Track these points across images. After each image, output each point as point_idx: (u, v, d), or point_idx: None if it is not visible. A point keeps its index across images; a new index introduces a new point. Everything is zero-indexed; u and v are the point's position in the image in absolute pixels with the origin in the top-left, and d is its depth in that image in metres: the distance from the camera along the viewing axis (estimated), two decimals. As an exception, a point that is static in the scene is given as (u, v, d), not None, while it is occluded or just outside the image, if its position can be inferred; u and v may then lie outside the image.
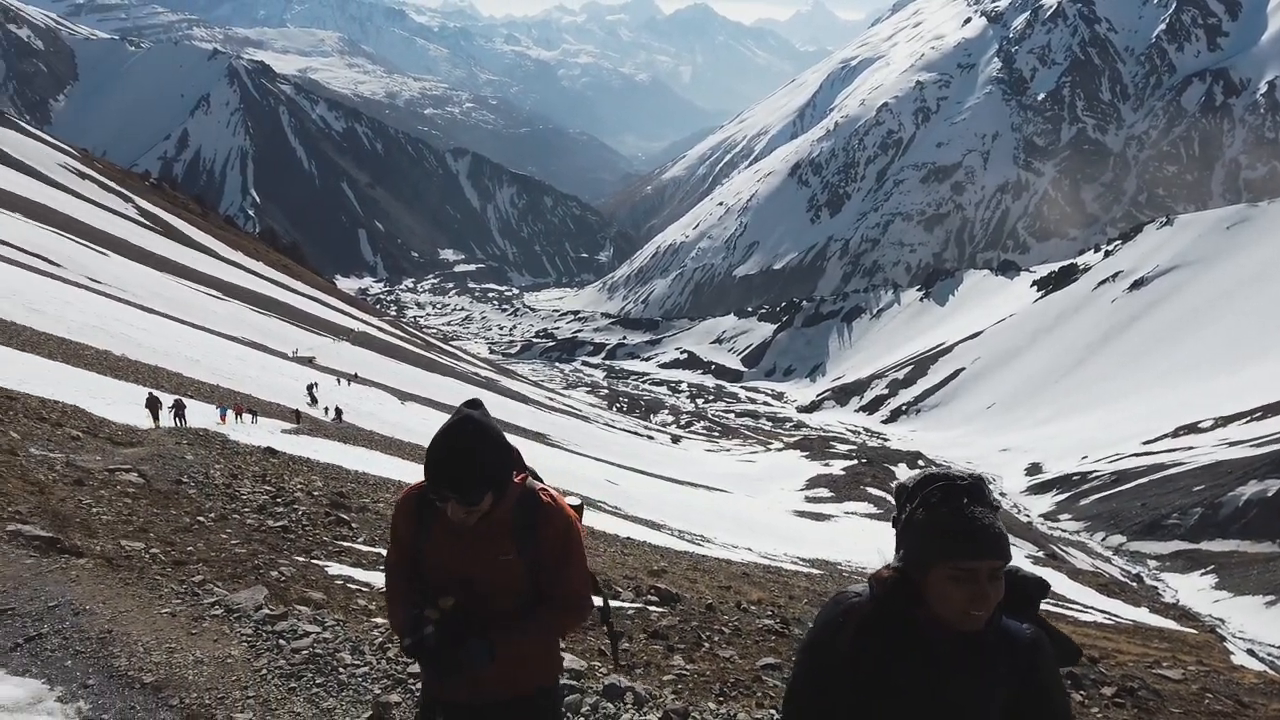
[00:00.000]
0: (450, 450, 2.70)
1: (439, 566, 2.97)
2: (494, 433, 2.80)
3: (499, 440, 2.82)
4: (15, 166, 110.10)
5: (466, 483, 2.72)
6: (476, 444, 2.74)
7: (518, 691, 3.00)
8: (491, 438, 2.78)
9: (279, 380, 48.89)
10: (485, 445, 2.76)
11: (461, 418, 2.77)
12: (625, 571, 17.48)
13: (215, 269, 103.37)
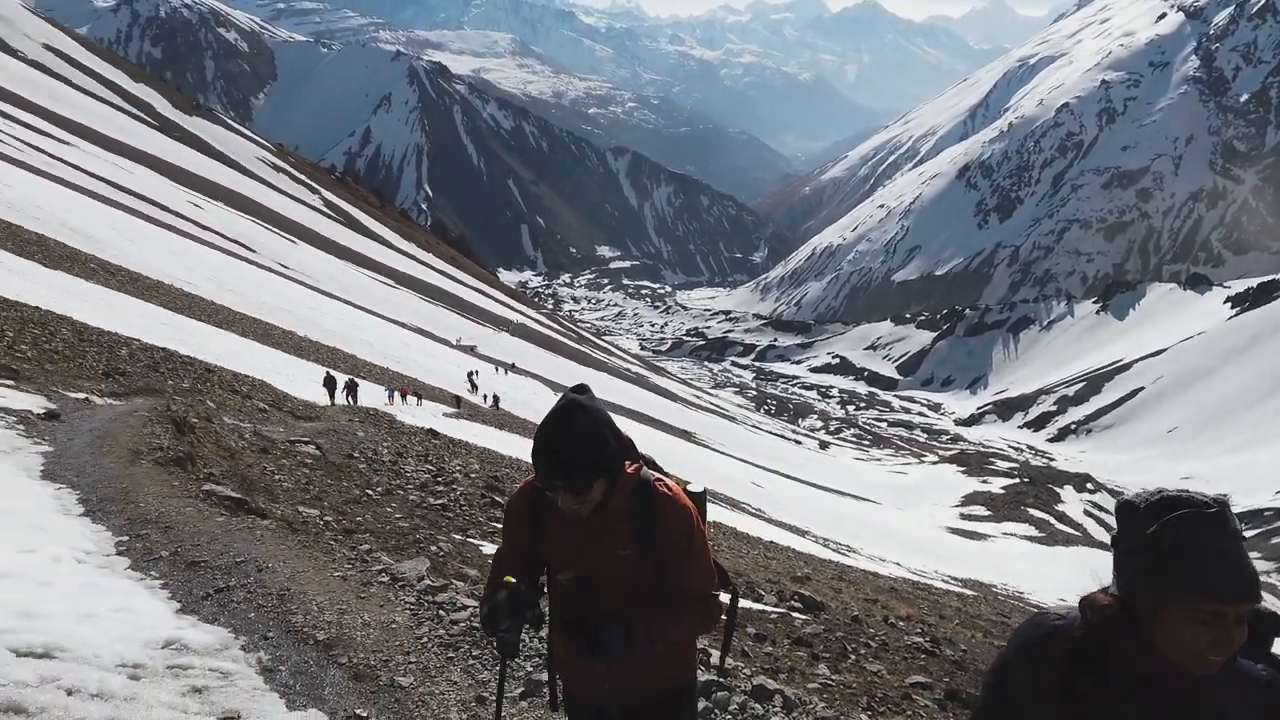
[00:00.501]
0: (556, 435, 2.58)
1: (557, 565, 2.88)
2: (602, 417, 2.65)
3: (607, 425, 2.66)
4: (219, 159, 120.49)
5: (573, 468, 2.58)
6: (583, 428, 2.59)
7: (654, 688, 2.89)
8: (599, 422, 2.63)
9: (443, 366, 51.25)
10: (592, 429, 2.60)
11: (567, 402, 2.64)
12: (768, 575, 17.28)
13: (389, 258, 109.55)
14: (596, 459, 2.61)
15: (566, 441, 2.57)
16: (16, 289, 19.21)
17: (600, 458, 2.62)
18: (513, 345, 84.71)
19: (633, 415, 67.04)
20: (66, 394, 11.30)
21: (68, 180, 50.94)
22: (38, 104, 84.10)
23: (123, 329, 20.36)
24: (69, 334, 17.00)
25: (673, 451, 52.83)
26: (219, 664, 3.86)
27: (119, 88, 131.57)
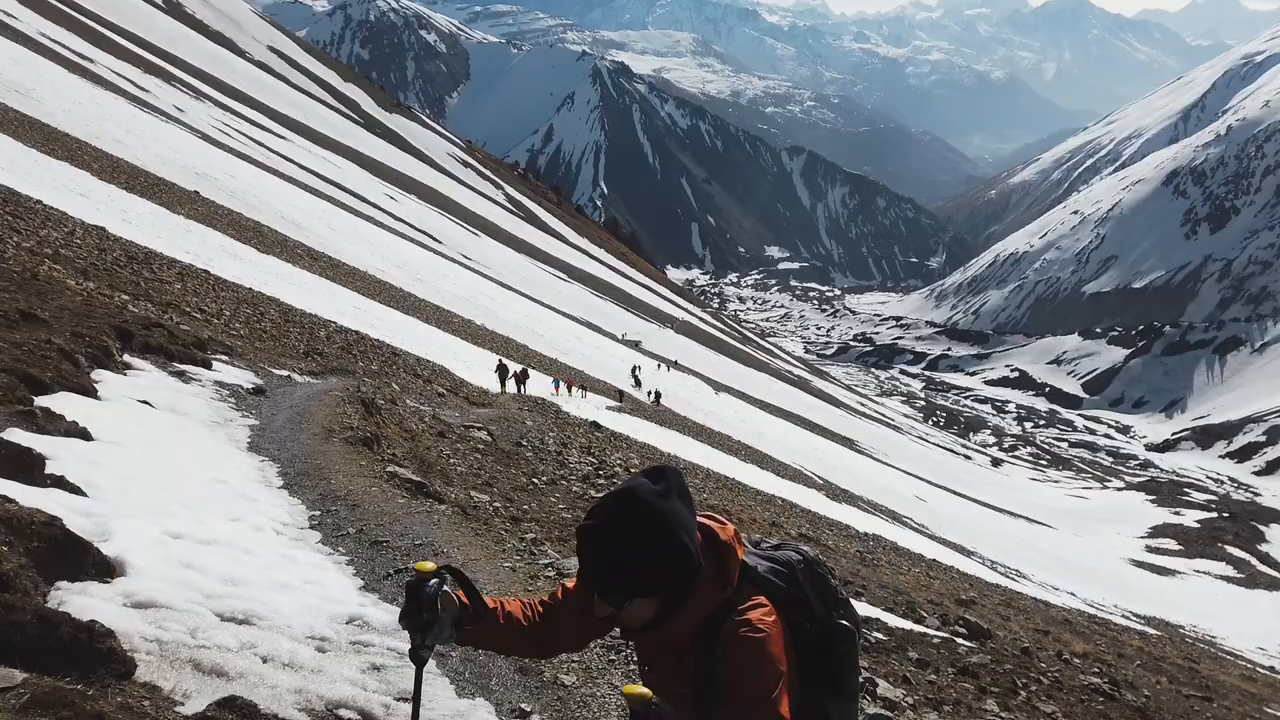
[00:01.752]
0: (594, 535, 2.02)
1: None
2: (665, 523, 2.01)
3: (670, 536, 2.01)
4: (414, 154, 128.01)
5: (604, 581, 2.04)
6: (630, 535, 1.99)
7: None
8: (658, 531, 2.00)
9: (608, 360, 52.33)
10: (644, 539, 1.99)
11: (624, 492, 2.03)
12: (930, 596, 16.59)
13: (564, 253, 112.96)
14: (639, 577, 2.03)
15: (603, 545, 2.02)
16: (235, 272, 21.11)
17: (646, 576, 2.03)
18: (676, 342, 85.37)
19: (792, 418, 66.07)
20: (272, 370, 12.30)
21: (283, 172, 55.59)
22: (261, 101, 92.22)
23: (322, 312, 21.98)
24: (276, 315, 18.52)
25: (828, 457, 51.66)
26: (396, 644, 4.07)
27: (330, 87, 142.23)
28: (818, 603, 2.29)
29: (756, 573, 2.24)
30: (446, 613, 2.11)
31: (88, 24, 70.48)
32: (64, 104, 35.32)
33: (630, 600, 2.05)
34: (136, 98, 51.38)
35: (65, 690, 2.17)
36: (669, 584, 2.05)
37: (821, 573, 2.35)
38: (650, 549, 1.99)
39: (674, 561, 2.02)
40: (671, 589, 2.06)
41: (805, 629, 2.23)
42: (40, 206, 16.06)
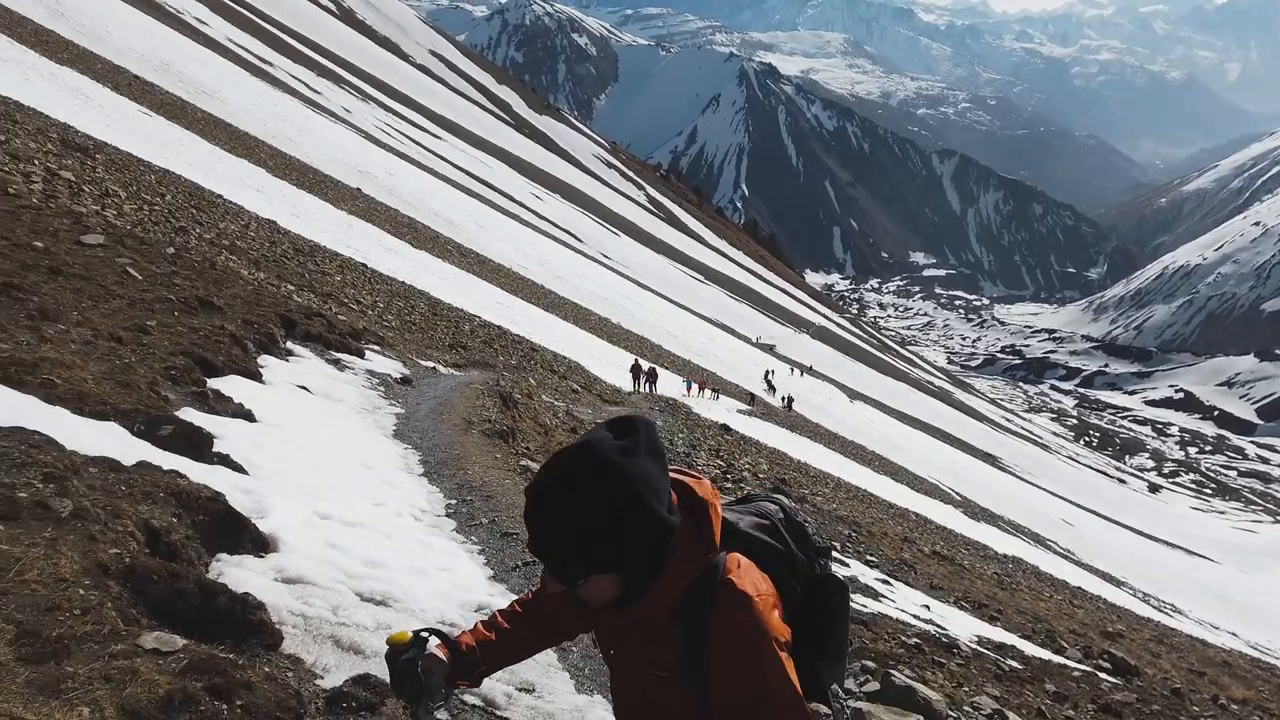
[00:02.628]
0: (543, 497, 1.66)
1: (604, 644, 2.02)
2: (629, 485, 1.65)
3: (634, 500, 1.65)
4: (561, 155, 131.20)
5: (554, 554, 1.69)
6: (586, 499, 1.63)
7: None
8: (620, 494, 1.64)
9: (740, 363, 52.07)
10: (602, 504, 1.63)
11: (580, 446, 1.68)
12: (1073, 625, 15.69)
13: (701, 254, 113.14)
14: (589, 553, 1.67)
15: (549, 509, 1.66)
16: (390, 265, 22.23)
17: (598, 553, 1.67)
18: (812, 348, 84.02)
19: (931, 430, 63.84)
20: (419, 361, 12.89)
21: (437, 171, 58.12)
22: (421, 103, 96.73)
23: (467, 306, 22.86)
24: (425, 308, 19.40)
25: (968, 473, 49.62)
26: (519, 635, 4.21)
27: (485, 89, 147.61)
28: (800, 554, 2.01)
29: (739, 529, 1.95)
30: (434, 676, 1.93)
31: (269, 30, 75.82)
32: (244, 104, 38.11)
33: (586, 576, 1.70)
34: (309, 99, 54.89)
35: (219, 658, 2.37)
36: (633, 558, 1.69)
37: (800, 521, 2.08)
38: (610, 516, 1.63)
39: (638, 531, 1.66)
40: (637, 563, 1.70)
41: (792, 585, 1.95)
42: (220, 200, 17.39)
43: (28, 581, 2.35)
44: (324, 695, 2.90)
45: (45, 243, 7.50)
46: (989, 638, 10.46)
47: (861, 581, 10.93)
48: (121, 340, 5.99)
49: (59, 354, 4.98)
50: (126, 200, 12.49)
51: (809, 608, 1.99)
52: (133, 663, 2.15)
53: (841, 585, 2.04)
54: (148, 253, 9.34)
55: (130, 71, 29.35)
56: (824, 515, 15.55)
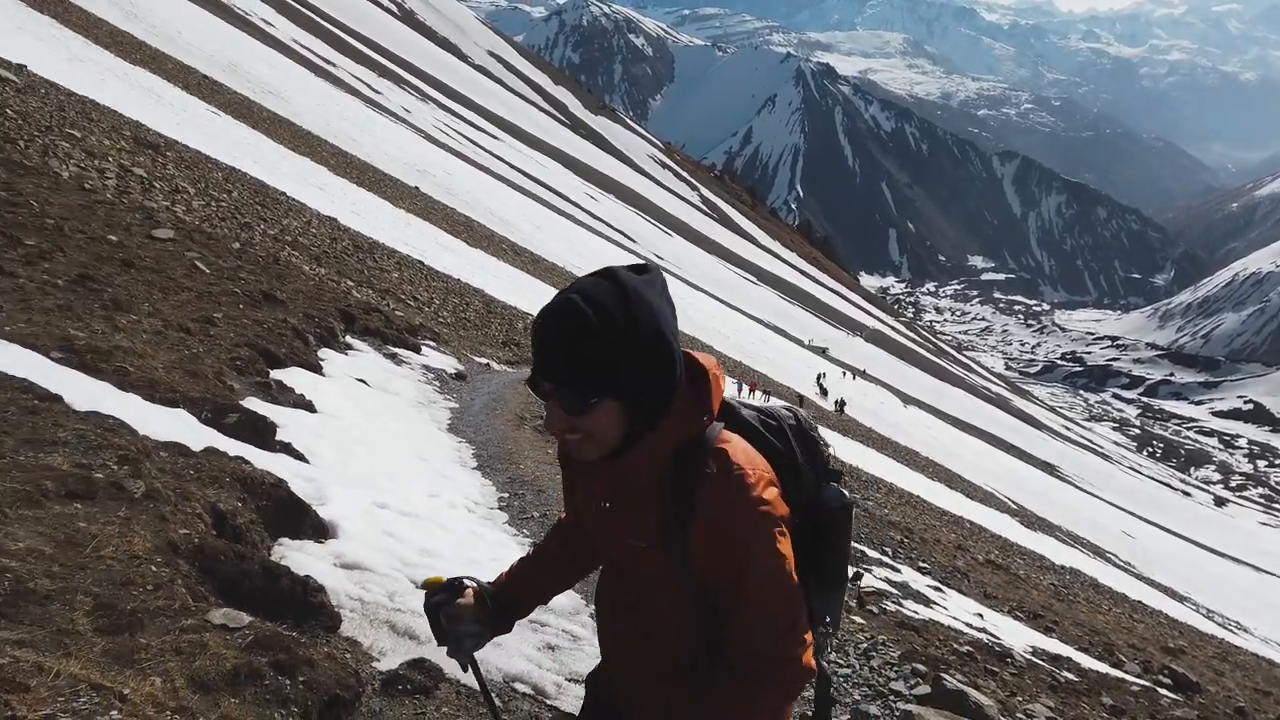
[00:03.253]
0: (559, 313, 1.56)
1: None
2: (650, 310, 1.58)
3: (653, 324, 1.58)
4: (615, 155, 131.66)
5: (560, 364, 1.56)
6: (600, 312, 1.54)
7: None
8: (639, 316, 1.56)
9: (791, 365, 51.70)
10: (620, 323, 1.54)
11: (603, 271, 1.62)
12: (1133, 640, 15.29)
13: (754, 255, 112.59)
14: (600, 373, 1.56)
15: (565, 319, 1.55)
16: (446, 263, 22.56)
17: (609, 373, 1.56)
18: (865, 351, 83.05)
19: (987, 437, 62.70)
20: (473, 358, 13.07)
21: (494, 171, 58.77)
22: (478, 103, 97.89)
23: (521, 304, 23.08)
24: (480, 305, 19.65)
25: (1025, 481, 48.61)
26: (570, 627, 4.26)
27: (541, 89, 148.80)
28: (807, 467, 1.85)
29: (740, 415, 1.81)
30: (462, 623, 1.94)
31: (333, 31, 77.42)
32: (308, 104, 38.98)
33: (595, 401, 1.58)
34: (370, 99, 55.92)
35: (283, 635, 2.46)
36: (643, 386, 1.59)
37: (814, 435, 1.91)
38: (627, 334, 1.55)
39: (652, 357, 1.58)
40: (644, 394, 1.60)
41: (792, 495, 1.76)
42: (284, 198, 17.83)
43: (104, 557, 2.45)
44: (380, 677, 2.98)
45: (119, 236, 7.77)
46: (1044, 649, 10.26)
47: (913, 588, 10.79)
48: (190, 331, 6.19)
49: (131, 343, 5.17)
50: (195, 196, 12.87)
51: (809, 525, 1.82)
52: (202, 637, 2.24)
53: (847, 507, 1.88)
54: (215, 247, 9.63)
55: (200, 72, 30.23)
56: (876, 520, 15.38)
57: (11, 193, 7.40)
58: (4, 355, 3.99)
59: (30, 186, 7.96)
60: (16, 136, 10.39)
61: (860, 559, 11.21)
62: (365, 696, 2.70)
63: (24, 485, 2.64)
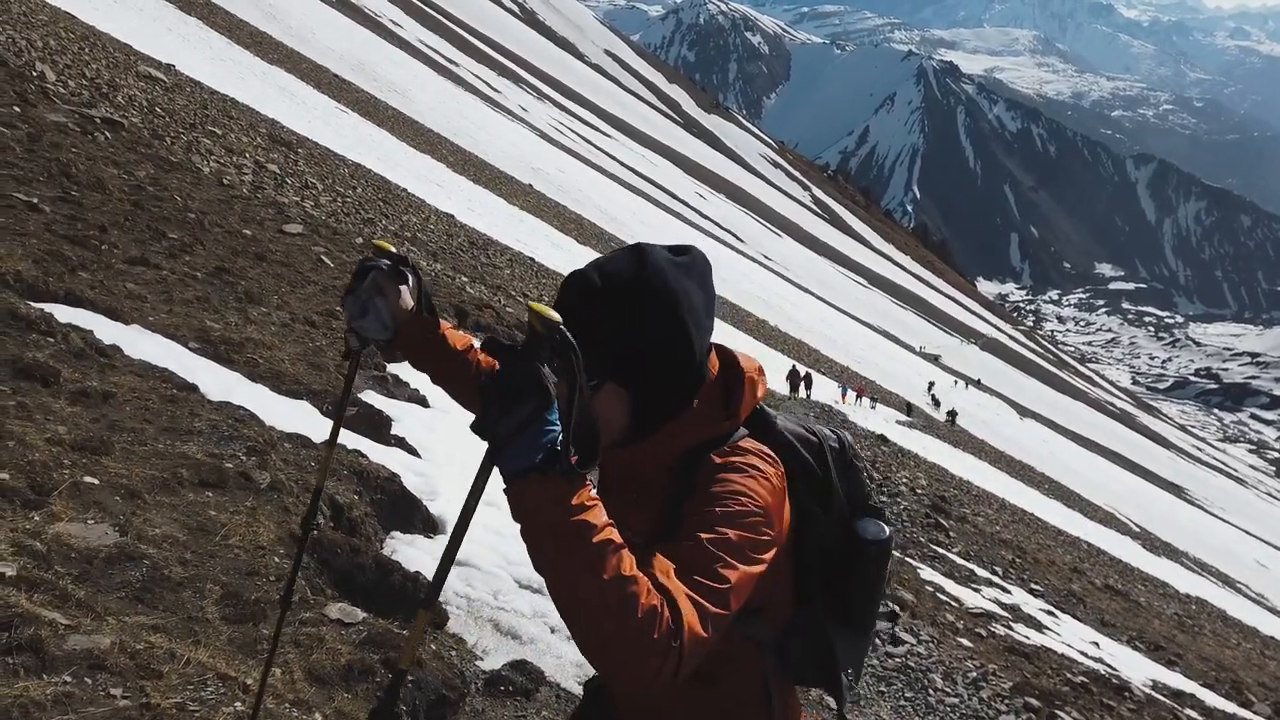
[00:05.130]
0: (575, 284, 1.47)
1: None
2: (671, 294, 1.46)
3: (672, 309, 1.46)
4: (727, 154, 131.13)
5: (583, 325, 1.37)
6: (610, 283, 1.44)
7: None
8: (659, 300, 1.45)
9: (901, 371, 50.43)
10: (638, 305, 1.44)
11: (633, 249, 1.52)
12: (1263, 678, 14.35)
13: (865, 258, 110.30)
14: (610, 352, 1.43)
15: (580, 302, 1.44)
16: (556, 260, 22.93)
17: (619, 354, 1.44)
18: (980, 360, 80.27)
19: (1109, 455, 59.80)
20: (580, 355, 13.23)
21: (605, 169, 59.41)
22: (593, 102, 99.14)
23: (628, 302, 23.23)
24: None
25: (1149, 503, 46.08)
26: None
27: (656, 88, 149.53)
28: (841, 491, 1.67)
29: (773, 424, 1.65)
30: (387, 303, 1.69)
31: (457, 31, 79.74)
32: (431, 102, 40.26)
33: (600, 384, 1.44)
34: (490, 98, 57.36)
35: (394, 633, 2.54)
36: (651, 375, 1.46)
37: (857, 464, 1.73)
38: (642, 318, 1.43)
39: (667, 344, 1.45)
40: (654, 382, 1.47)
41: (818, 518, 1.62)
42: (405, 194, 18.46)
43: (231, 546, 2.58)
44: (484, 676, 3.04)
45: (253, 230, 8.20)
46: (1165, 683, 9.72)
47: (1024, 611, 10.38)
48: (314, 324, 6.47)
49: (261, 335, 5.43)
50: (323, 192, 13.47)
51: (838, 558, 1.66)
52: (319, 630, 2.33)
53: (883, 538, 1.67)
54: (339, 242, 10.04)
55: (331, 71, 31.62)
56: (986, 538, 14.86)
57: (158, 188, 7.90)
58: (148, 345, 4.25)
59: (175, 181, 8.48)
60: (164, 133, 11.08)
61: (969, 578, 10.84)
62: (469, 697, 2.75)
63: (162, 473, 2.80)
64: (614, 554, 1.18)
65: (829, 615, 1.62)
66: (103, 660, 1.79)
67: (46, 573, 2.02)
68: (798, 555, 1.59)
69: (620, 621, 1.14)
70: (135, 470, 2.76)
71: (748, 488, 1.41)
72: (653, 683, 1.19)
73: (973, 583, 10.59)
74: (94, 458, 2.72)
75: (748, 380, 1.57)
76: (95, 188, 6.75)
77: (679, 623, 1.19)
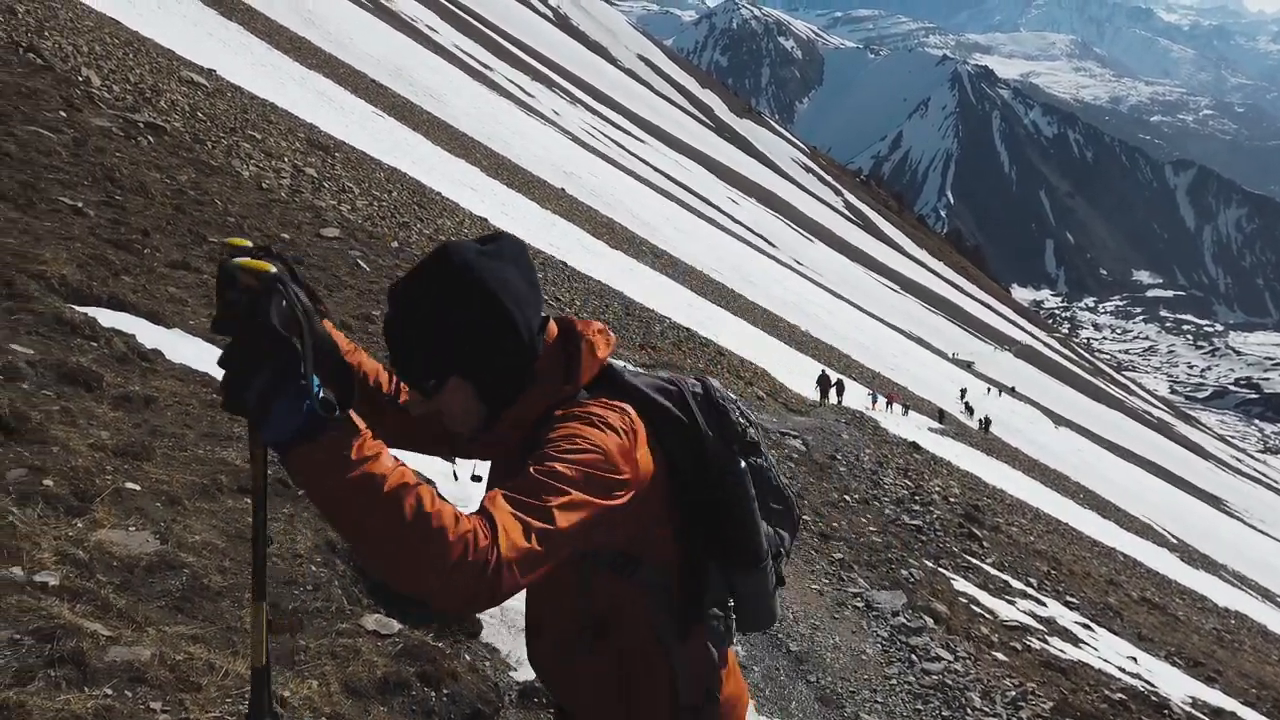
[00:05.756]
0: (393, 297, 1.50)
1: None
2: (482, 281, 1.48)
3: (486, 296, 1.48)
4: (759, 159, 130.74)
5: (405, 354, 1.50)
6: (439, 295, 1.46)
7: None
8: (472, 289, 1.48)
9: (933, 378, 49.91)
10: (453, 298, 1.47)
11: (438, 247, 1.52)
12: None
13: (897, 263, 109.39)
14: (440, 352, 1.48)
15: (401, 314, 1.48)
16: (588, 265, 22.97)
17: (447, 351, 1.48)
18: (1014, 367, 79.24)
19: (1145, 464, 58.76)
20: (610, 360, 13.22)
21: (637, 173, 59.46)
22: (625, 106, 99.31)
23: (658, 307, 23.23)
24: (619, 308, 19.88)
25: (1187, 514, 45.18)
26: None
27: (688, 92, 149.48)
28: (713, 434, 1.67)
29: (622, 378, 1.65)
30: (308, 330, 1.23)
31: (491, 36, 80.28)
32: (466, 107, 40.54)
33: (440, 383, 1.48)
34: (523, 102, 57.65)
35: (430, 646, 2.52)
36: (488, 359, 1.50)
37: (725, 405, 1.72)
38: (459, 311, 1.46)
39: (495, 330, 1.48)
40: (489, 368, 1.51)
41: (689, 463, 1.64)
42: (439, 198, 18.58)
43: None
44: (517, 688, 3.02)
45: (291, 234, 8.28)
46: (1205, 700, 9.51)
47: (1060, 624, 10.21)
48: (350, 328, 6.52)
49: (299, 339, 5.46)
50: (359, 196, 13.59)
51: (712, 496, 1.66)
52: (355, 642, 2.32)
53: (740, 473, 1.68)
54: (375, 246, 10.11)
55: (368, 76, 31.95)
56: (1020, 548, 14.63)
57: (199, 191, 8.00)
58: (189, 348, 4.29)
59: (215, 185, 8.59)
60: (205, 137, 11.24)
61: (1004, 590, 10.68)
62: (504, 709, 2.73)
63: (202, 479, 2.82)
64: (409, 495, 1.18)
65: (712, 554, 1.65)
66: (143, 673, 1.79)
67: (89, 582, 2.03)
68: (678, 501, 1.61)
69: (430, 555, 1.16)
70: (176, 476, 2.77)
71: (581, 431, 1.44)
72: (474, 598, 1.20)
73: (1007, 594, 10.45)
74: (135, 463, 2.74)
75: (585, 344, 1.59)
76: (138, 191, 6.85)
77: (495, 537, 1.21)
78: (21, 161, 6.01)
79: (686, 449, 1.64)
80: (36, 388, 3.06)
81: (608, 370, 1.64)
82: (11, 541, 2.02)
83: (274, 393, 1.13)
